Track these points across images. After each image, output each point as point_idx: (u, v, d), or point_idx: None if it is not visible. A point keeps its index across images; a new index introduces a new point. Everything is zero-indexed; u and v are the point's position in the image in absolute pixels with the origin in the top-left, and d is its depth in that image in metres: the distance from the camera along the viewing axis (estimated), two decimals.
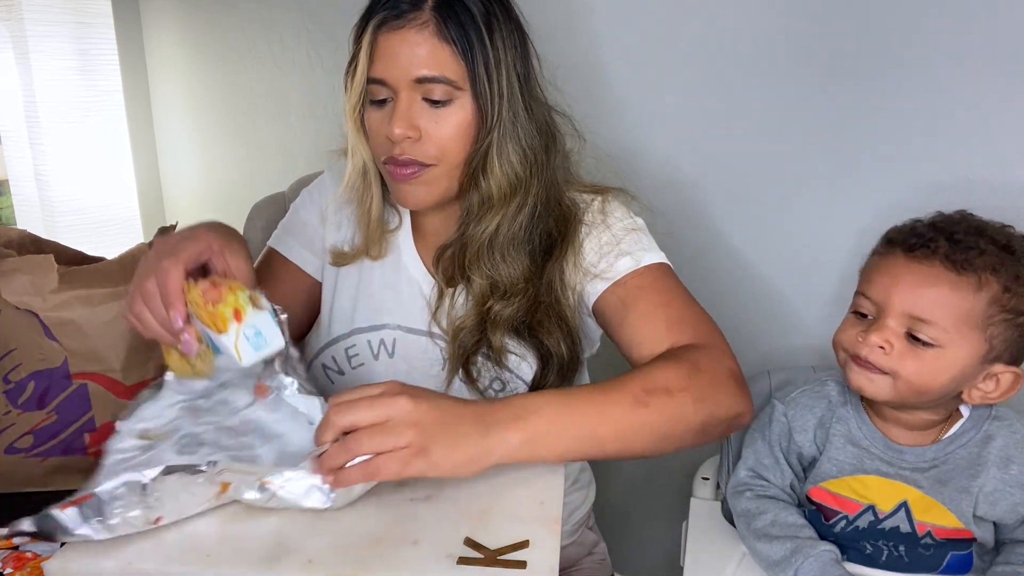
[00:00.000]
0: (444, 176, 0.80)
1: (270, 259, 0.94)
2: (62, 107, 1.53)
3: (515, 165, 0.79)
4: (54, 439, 0.81)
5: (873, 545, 0.80)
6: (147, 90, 1.79)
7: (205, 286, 0.63)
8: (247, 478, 0.59)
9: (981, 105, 0.96)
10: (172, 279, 0.64)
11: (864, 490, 0.79)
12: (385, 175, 0.83)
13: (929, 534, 0.77)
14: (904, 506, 0.77)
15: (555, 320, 0.82)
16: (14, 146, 1.61)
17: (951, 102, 0.98)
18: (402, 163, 0.78)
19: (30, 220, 1.62)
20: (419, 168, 0.79)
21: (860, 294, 0.78)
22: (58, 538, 0.55)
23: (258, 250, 1.12)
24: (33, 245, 0.88)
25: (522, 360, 0.83)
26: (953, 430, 0.78)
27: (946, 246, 0.72)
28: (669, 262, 0.84)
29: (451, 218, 0.86)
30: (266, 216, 1.13)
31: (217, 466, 0.58)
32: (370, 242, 0.87)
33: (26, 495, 0.80)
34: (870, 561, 0.80)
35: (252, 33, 1.59)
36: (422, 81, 0.75)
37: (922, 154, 1.01)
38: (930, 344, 0.72)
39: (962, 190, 0.97)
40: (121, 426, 0.64)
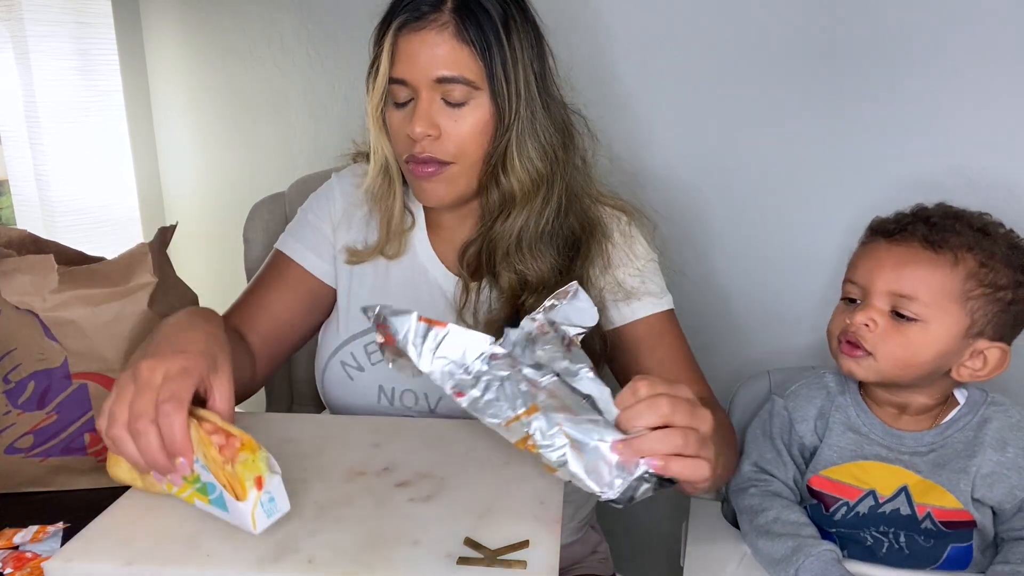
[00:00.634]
0: (463, 174, 0.82)
1: (276, 261, 0.94)
2: (62, 107, 1.53)
3: (536, 162, 0.82)
4: (54, 439, 0.81)
5: (874, 536, 0.80)
6: (147, 90, 1.79)
7: (220, 441, 0.57)
8: (557, 416, 0.56)
9: (989, 103, 0.97)
10: (179, 428, 0.57)
11: (864, 475, 0.81)
12: (406, 173, 0.85)
13: (929, 517, 0.78)
14: (904, 490, 0.79)
15: None
16: (14, 146, 1.61)
17: (961, 99, 0.98)
18: (422, 161, 0.80)
19: (30, 220, 1.63)
20: (439, 166, 0.81)
21: (847, 281, 0.83)
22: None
23: (258, 250, 1.13)
24: (33, 245, 0.88)
25: None
26: (951, 415, 0.80)
27: (924, 229, 0.77)
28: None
29: (467, 216, 0.89)
30: (266, 216, 1.13)
31: (544, 381, 0.57)
32: (389, 240, 0.89)
33: (26, 495, 0.80)
34: (870, 554, 0.80)
35: (252, 33, 1.59)
36: (442, 81, 0.78)
37: (922, 154, 1.01)
38: (914, 319, 0.76)
39: (970, 189, 0.97)
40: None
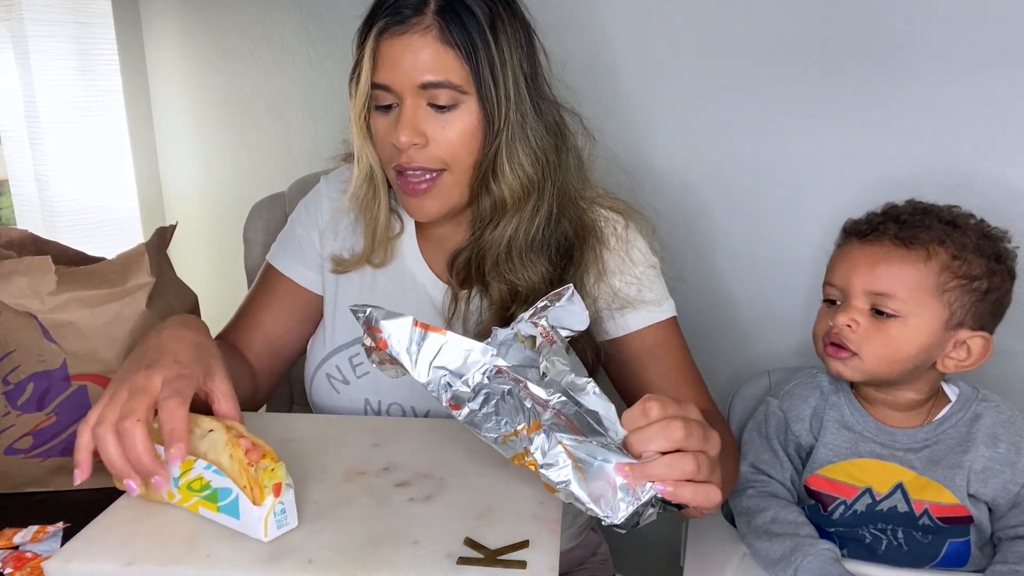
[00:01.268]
0: (455, 184, 0.80)
1: (267, 275, 0.94)
2: (62, 107, 1.53)
3: (526, 167, 0.79)
4: (54, 440, 0.81)
5: (872, 533, 0.81)
6: (147, 90, 1.79)
7: (247, 445, 0.57)
8: (561, 435, 0.54)
9: (987, 102, 0.97)
10: (180, 418, 0.58)
11: (860, 473, 0.81)
12: (394, 184, 0.82)
13: (927, 513, 0.79)
14: (900, 487, 0.80)
15: None
16: (14, 146, 1.61)
17: (961, 99, 0.98)
18: (412, 172, 0.78)
19: (30, 220, 1.62)
20: (429, 179, 0.78)
21: (827, 283, 0.85)
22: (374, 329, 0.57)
23: (258, 250, 1.13)
24: (34, 245, 0.88)
25: None
26: (943, 412, 0.82)
27: (894, 227, 0.80)
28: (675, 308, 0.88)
29: (459, 223, 0.86)
30: (266, 216, 1.13)
31: (553, 401, 0.56)
32: (375, 249, 0.87)
33: (26, 495, 0.80)
34: (870, 552, 0.80)
35: (252, 33, 1.59)
36: (427, 87, 0.75)
37: (925, 154, 1.01)
38: (894, 315, 0.78)
39: (970, 188, 0.98)
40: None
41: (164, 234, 0.89)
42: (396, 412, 0.86)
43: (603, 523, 0.53)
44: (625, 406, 0.57)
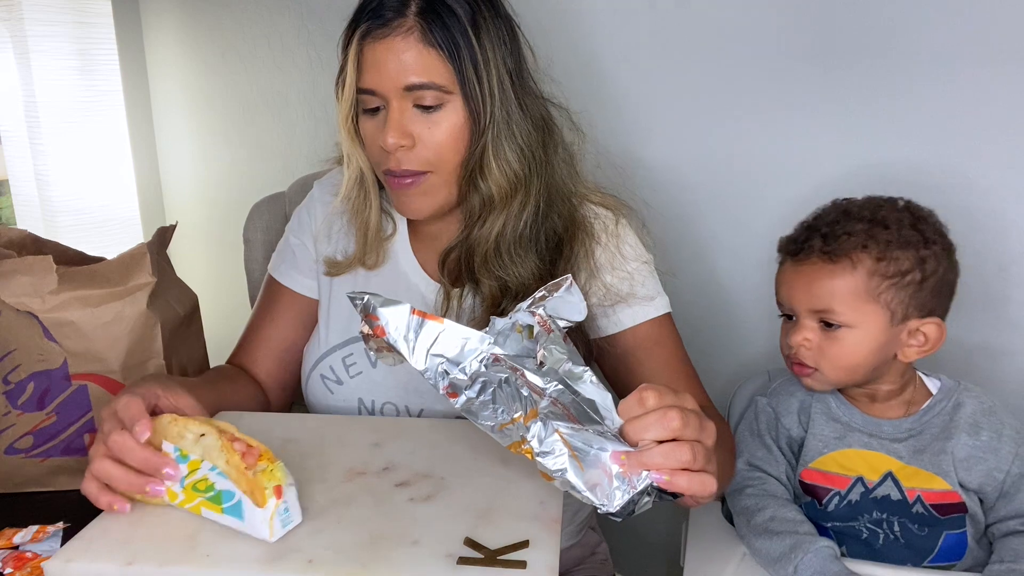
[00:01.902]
0: (442, 184, 0.80)
1: (269, 287, 0.95)
2: (62, 107, 1.53)
3: (513, 164, 0.79)
4: (54, 440, 0.81)
5: (869, 527, 0.81)
6: (147, 90, 1.79)
7: (242, 448, 0.57)
8: (558, 424, 0.54)
9: (987, 101, 0.97)
10: (135, 406, 0.62)
11: (849, 463, 0.83)
12: (385, 185, 0.83)
13: (920, 500, 0.80)
14: (889, 475, 0.81)
15: None
16: (14, 146, 1.61)
17: (961, 98, 0.98)
18: (400, 174, 0.78)
19: (30, 220, 1.63)
20: (416, 177, 0.79)
21: (777, 302, 0.87)
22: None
23: (258, 250, 1.13)
24: (34, 245, 0.88)
25: None
26: (927, 403, 0.84)
27: (820, 242, 0.81)
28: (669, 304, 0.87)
29: (451, 222, 0.86)
30: (266, 216, 1.13)
31: (549, 389, 0.56)
32: (367, 251, 0.87)
33: (26, 495, 0.80)
34: (867, 547, 0.81)
35: (252, 33, 1.59)
36: (411, 88, 0.75)
37: (922, 152, 1.01)
38: (842, 325, 0.80)
39: (970, 188, 0.98)
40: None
41: (164, 234, 0.89)
42: (390, 411, 0.86)
43: (599, 511, 0.54)
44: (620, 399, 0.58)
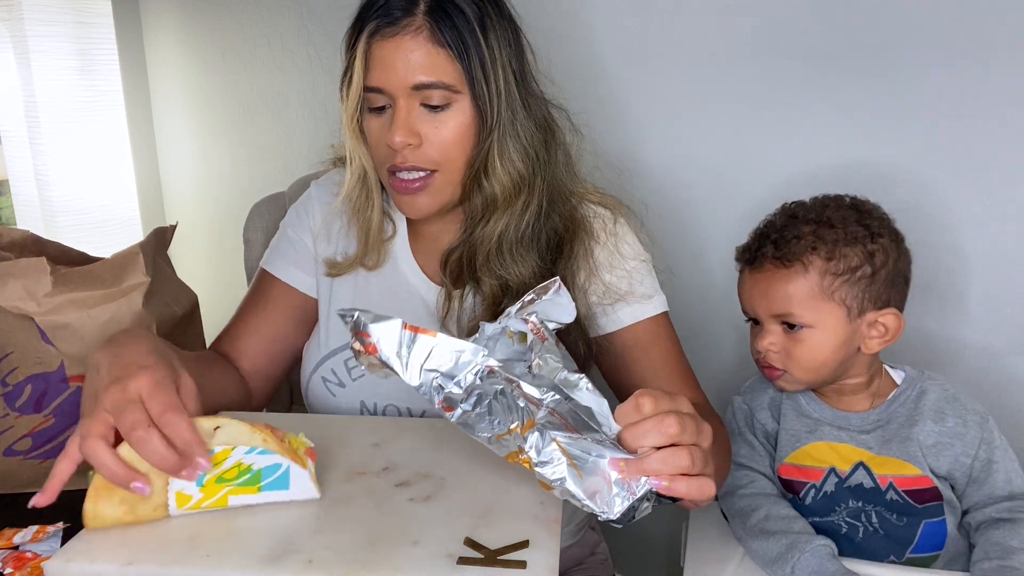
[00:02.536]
0: (447, 183, 0.80)
1: (261, 280, 0.94)
2: (62, 107, 1.53)
3: (517, 164, 0.79)
4: (52, 442, 0.81)
5: (848, 521, 0.83)
6: (147, 90, 1.79)
7: (268, 426, 0.60)
8: (555, 433, 0.54)
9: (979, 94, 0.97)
10: (186, 428, 0.56)
11: (821, 455, 0.85)
12: (387, 185, 0.82)
13: (892, 487, 0.82)
14: (861, 464, 0.83)
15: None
16: (14, 146, 1.61)
17: (960, 94, 0.98)
18: (406, 172, 0.78)
19: (30, 220, 1.63)
20: (423, 179, 0.78)
21: (742, 309, 0.89)
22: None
23: (258, 250, 1.13)
24: (36, 246, 0.88)
25: None
26: (892, 394, 0.86)
27: (771, 249, 0.83)
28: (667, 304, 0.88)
29: (451, 222, 0.87)
30: (266, 216, 1.13)
31: (546, 400, 0.56)
32: (368, 252, 0.87)
33: (26, 495, 0.80)
34: (849, 542, 0.82)
35: (252, 33, 1.59)
36: (419, 88, 0.75)
37: (920, 151, 1.01)
38: (804, 326, 0.82)
39: (969, 186, 0.97)
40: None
41: (164, 234, 0.89)
42: (392, 414, 0.86)
43: (599, 518, 0.54)
44: (617, 400, 0.58)
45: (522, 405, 0.56)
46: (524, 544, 0.56)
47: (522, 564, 0.54)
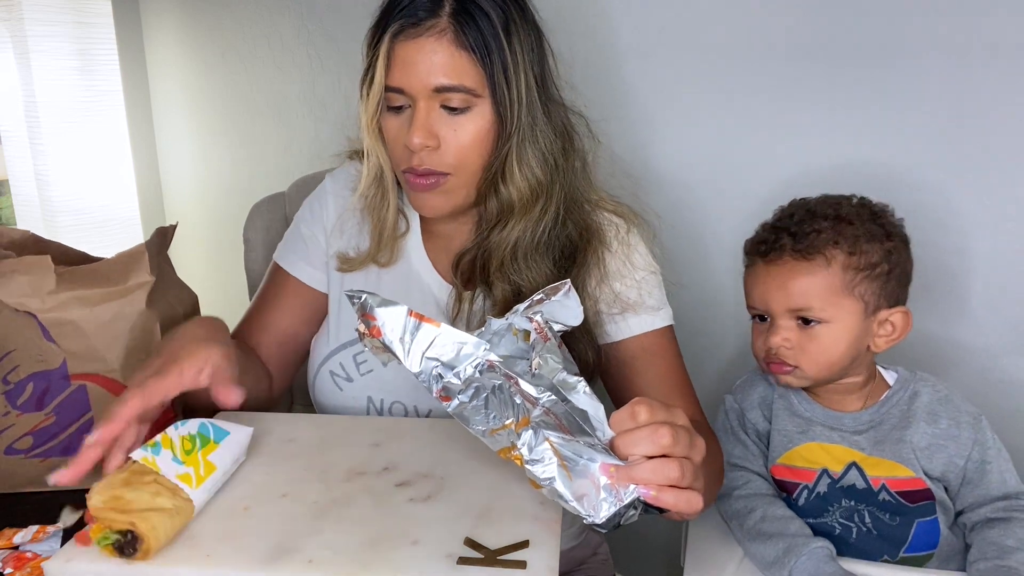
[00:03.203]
0: (462, 186, 0.80)
1: (274, 274, 0.94)
2: (62, 107, 1.53)
3: (536, 170, 0.79)
4: (53, 440, 0.81)
5: (841, 522, 0.83)
6: (147, 90, 1.79)
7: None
8: (548, 433, 0.54)
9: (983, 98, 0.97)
10: (125, 408, 0.64)
11: (813, 456, 0.85)
12: (403, 182, 0.82)
13: (885, 488, 0.81)
14: (853, 465, 0.83)
15: (581, 327, 0.83)
16: (14, 146, 1.61)
17: (964, 95, 0.98)
18: (421, 174, 0.78)
19: (30, 220, 1.63)
20: (437, 178, 0.78)
21: (748, 305, 0.87)
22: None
23: (258, 250, 1.13)
24: (36, 246, 0.88)
25: None
26: (884, 395, 0.85)
27: (790, 241, 0.82)
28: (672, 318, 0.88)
29: (464, 223, 0.87)
30: (266, 216, 1.13)
31: (543, 399, 0.56)
32: (381, 248, 0.87)
33: (26, 495, 0.80)
34: (842, 543, 0.82)
35: (252, 33, 1.59)
36: (440, 90, 0.75)
37: (934, 154, 1.01)
38: (819, 321, 0.81)
39: (974, 188, 0.97)
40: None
41: (165, 234, 0.89)
42: (398, 411, 0.86)
43: (584, 521, 0.54)
44: (615, 408, 0.58)
45: (518, 402, 0.56)
46: (524, 544, 0.56)
47: (522, 564, 0.54)
